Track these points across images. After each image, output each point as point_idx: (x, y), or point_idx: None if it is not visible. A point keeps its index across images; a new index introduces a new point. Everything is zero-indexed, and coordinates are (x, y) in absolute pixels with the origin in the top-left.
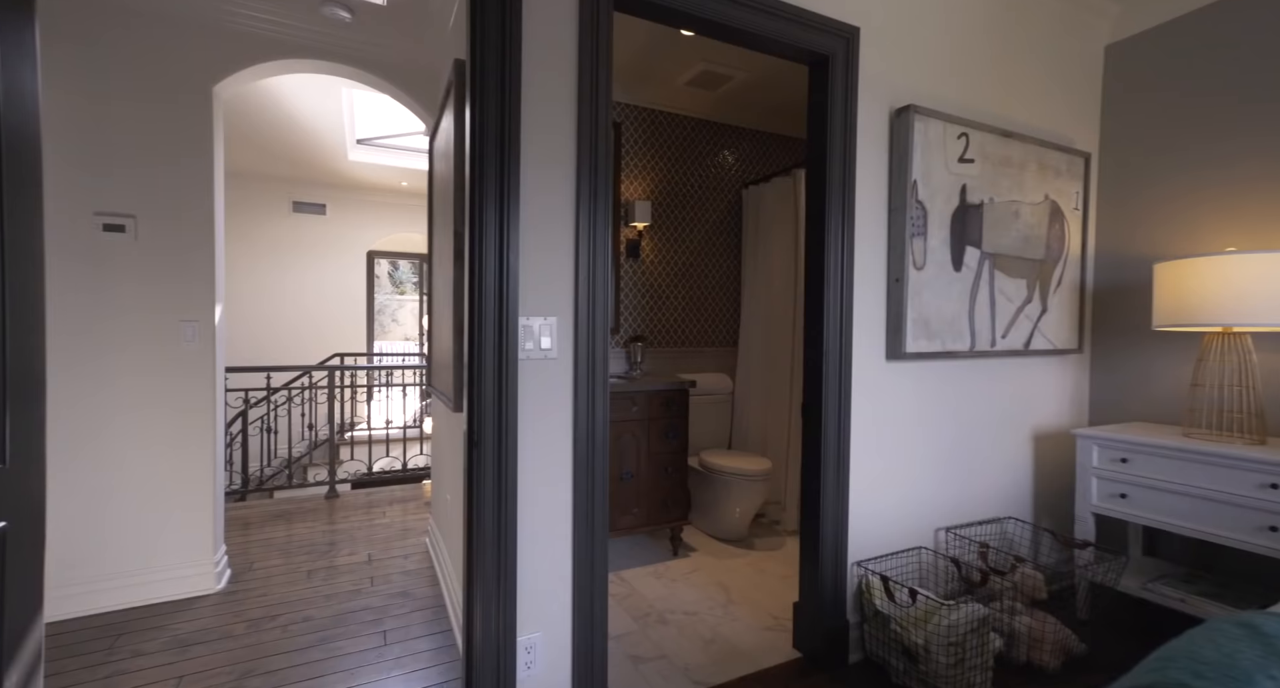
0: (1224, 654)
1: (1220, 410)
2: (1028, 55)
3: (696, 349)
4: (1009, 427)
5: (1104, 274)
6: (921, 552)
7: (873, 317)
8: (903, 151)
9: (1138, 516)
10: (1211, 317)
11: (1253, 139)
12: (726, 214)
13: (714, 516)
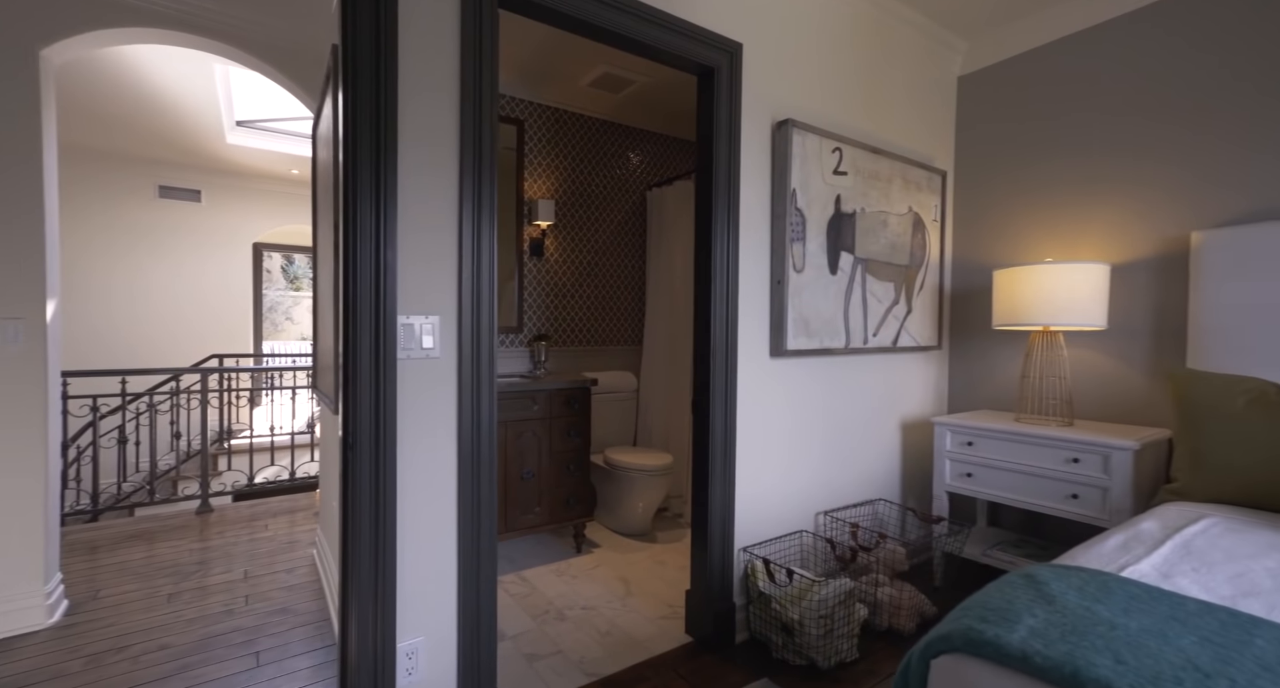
0: (1005, 601)
1: (1042, 398)
2: (894, 81)
3: (602, 348)
4: (880, 417)
5: (959, 279)
6: (803, 535)
7: (757, 316)
8: (783, 162)
9: (980, 491)
10: (1034, 318)
11: (1063, 163)
12: (631, 215)
13: (618, 511)
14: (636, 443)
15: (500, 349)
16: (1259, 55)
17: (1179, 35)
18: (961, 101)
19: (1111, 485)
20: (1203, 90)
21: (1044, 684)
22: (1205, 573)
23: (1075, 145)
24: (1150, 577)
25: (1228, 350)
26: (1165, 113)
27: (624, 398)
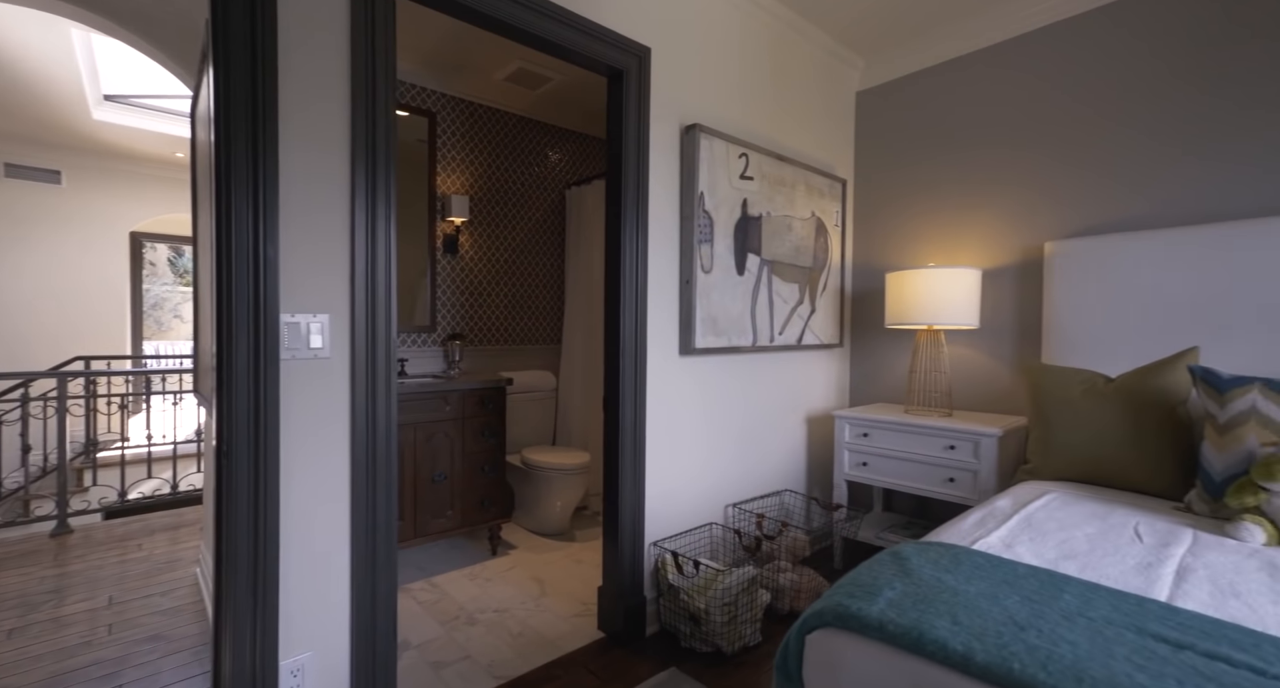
0: (871, 577)
1: (927, 391)
2: (798, 93)
3: (520, 347)
4: (786, 411)
5: (859, 281)
6: (712, 527)
7: (667, 315)
8: (691, 165)
9: (875, 479)
10: (920, 317)
11: (946, 177)
12: (550, 213)
13: (536, 512)
14: (556, 442)
15: (412, 349)
16: (1097, 93)
17: (1031, 72)
18: (860, 115)
19: (980, 469)
20: (1053, 121)
21: (897, 648)
22: (1039, 542)
23: (956, 161)
24: (996, 548)
25: (1072, 346)
26: (1026, 139)
27: (543, 397)
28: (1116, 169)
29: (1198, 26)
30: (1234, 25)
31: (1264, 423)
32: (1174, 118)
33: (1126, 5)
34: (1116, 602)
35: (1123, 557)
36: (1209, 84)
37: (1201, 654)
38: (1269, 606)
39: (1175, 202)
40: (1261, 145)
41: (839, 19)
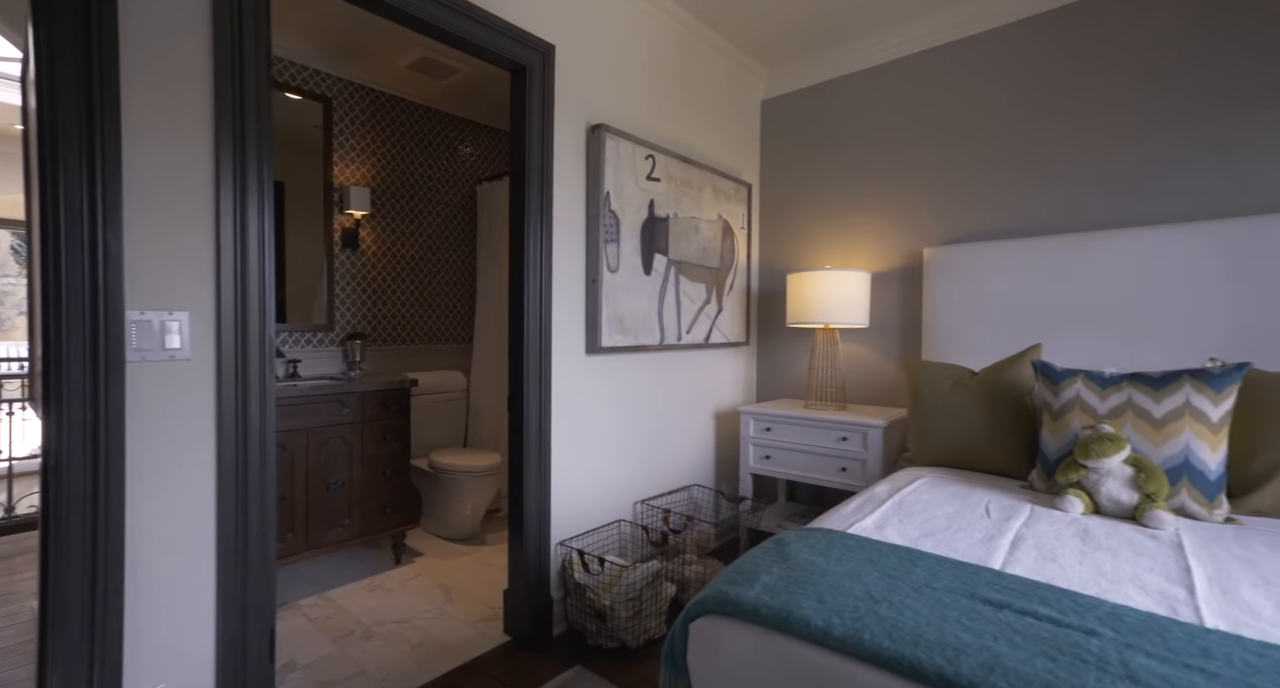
0: (752, 563)
1: (824, 386)
2: (705, 99)
3: (429, 346)
4: (695, 408)
5: (764, 281)
6: (621, 524)
7: (573, 314)
8: (597, 165)
9: (777, 471)
10: (817, 316)
11: (842, 183)
12: (461, 209)
13: (445, 516)
14: (468, 444)
15: (307, 350)
16: (958, 115)
17: (908, 93)
18: (765, 122)
19: (868, 458)
20: (927, 138)
21: (768, 629)
22: (905, 523)
23: (849, 170)
24: (868, 530)
25: (947, 343)
26: (907, 152)
27: (453, 398)
28: (979, 185)
29: (1037, 62)
30: (1069, 61)
31: (1085, 409)
32: (1019, 140)
33: (983, 39)
34: (958, 572)
35: (972, 532)
36: (1046, 114)
37: (1016, 612)
38: (1076, 565)
39: (1027, 216)
40: (1091, 169)
41: (742, 31)
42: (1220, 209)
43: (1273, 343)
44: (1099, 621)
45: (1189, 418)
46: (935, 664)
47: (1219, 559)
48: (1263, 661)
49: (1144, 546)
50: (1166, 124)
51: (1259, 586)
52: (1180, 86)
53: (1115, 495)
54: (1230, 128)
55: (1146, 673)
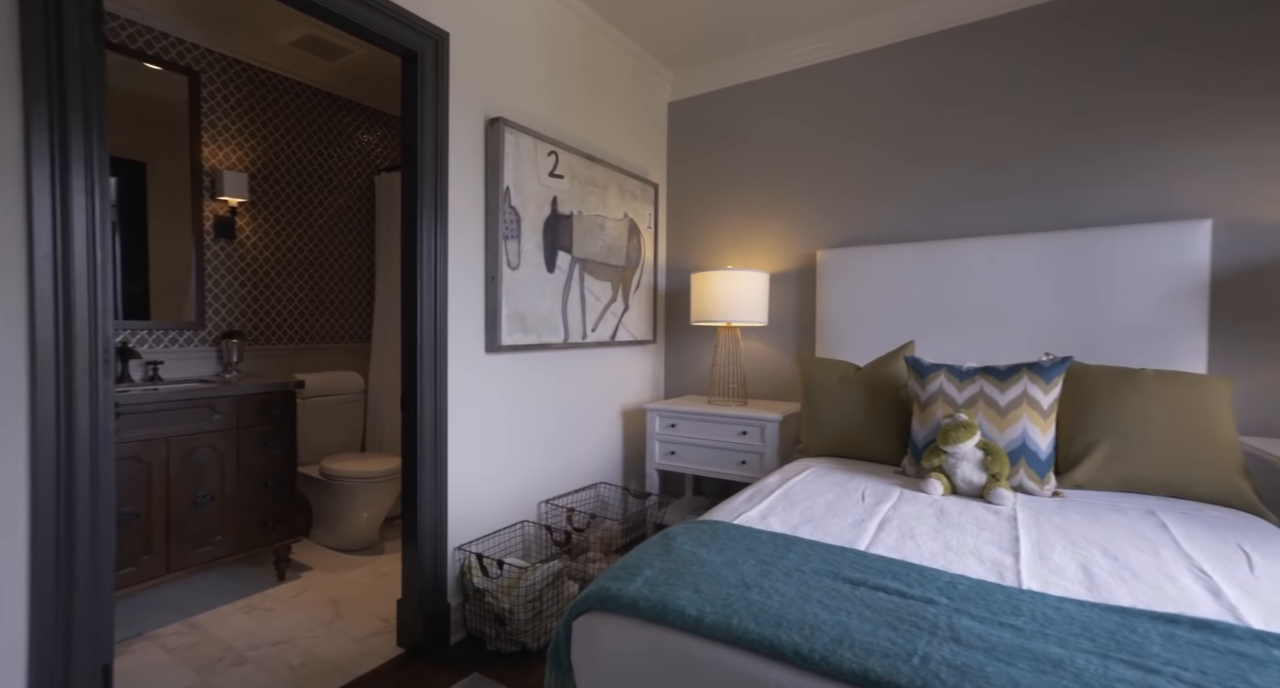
0: (637, 558)
1: (726, 382)
2: (611, 98)
3: (323, 346)
4: (601, 406)
5: (671, 280)
6: (525, 525)
7: (471, 312)
8: (495, 159)
9: (682, 466)
10: (719, 315)
11: (744, 186)
12: (358, 199)
13: (339, 526)
14: (366, 448)
15: (172, 350)
16: (850, 124)
17: (802, 104)
18: (671, 124)
19: (765, 450)
20: (821, 146)
21: (646, 621)
22: (789, 511)
23: (750, 173)
24: (754, 519)
25: (838, 340)
26: (802, 159)
27: (350, 400)
28: (867, 192)
29: (918, 82)
30: (941, 85)
31: (946, 400)
32: (901, 153)
33: (872, 56)
34: (826, 555)
35: (846, 517)
36: (925, 131)
37: (871, 588)
38: (929, 542)
39: (906, 223)
40: (959, 183)
41: (648, 33)
42: (1056, 223)
43: (1092, 339)
44: (938, 590)
45: (1026, 406)
46: (793, 642)
47: (1042, 529)
48: (1057, 613)
49: (987, 520)
50: (1018, 147)
51: (1068, 549)
52: (1031, 115)
53: (968, 477)
54: (1066, 153)
55: (967, 633)
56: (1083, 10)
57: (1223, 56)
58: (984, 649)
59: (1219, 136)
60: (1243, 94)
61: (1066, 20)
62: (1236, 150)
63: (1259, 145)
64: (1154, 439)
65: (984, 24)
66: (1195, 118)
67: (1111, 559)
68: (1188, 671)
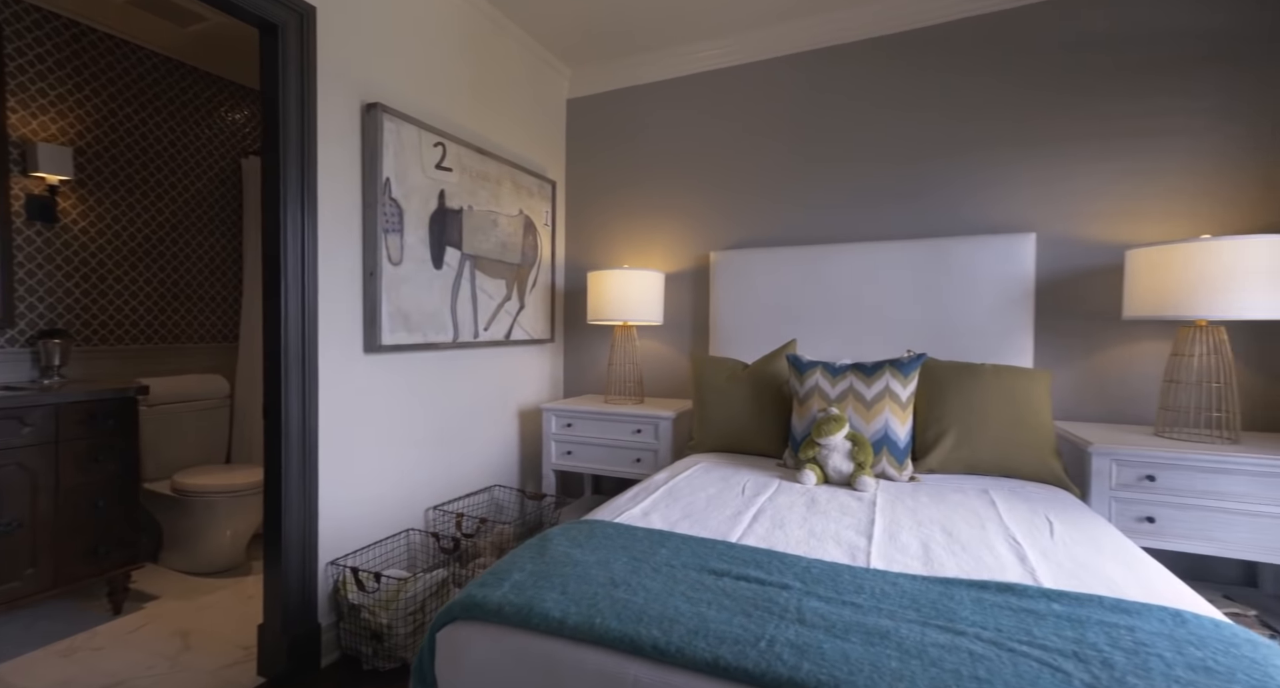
0: (509, 562)
1: (623, 381)
2: (506, 91)
3: (177, 346)
4: (497, 407)
5: (570, 279)
6: (410, 533)
7: (348, 309)
8: (373, 147)
9: (579, 466)
10: (615, 314)
11: (642, 187)
12: (222, 184)
13: (196, 547)
14: (232, 459)
15: None
16: (742, 128)
17: (698, 107)
18: (571, 121)
19: (659, 448)
20: (715, 150)
21: (512, 627)
22: (671, 507)
23: (648, 174)
24: (635, 517)
25: (730, 339)
26: (698, 161)
27: (212, 406)
28: (757, 196)
29: (802, 94)
30: (823, 95)
31: (821, 395)
32: (788, 160)
33: (764, 66)
34: (697, 548)
35: (724, 510)
36: (808, 139)
37: (734, 578)
38: (797, 530)
39: (791, 226)
40: (838, 190)
41: (544, 28)
42: (919, 232)
43: (946, 337)
44: (795, 575)
45: (888, 399)
46: (651, 637)
47: (896, 511)
48: (893, 588)
49: (850, 506)
50: (888, 160)
51: (914, 529)
52: (898, 131)
53: (838, 466)
54: (926, 167)
55: (812, 614)
56: (940, 40)
57: (1050, 90)
58: (824, 628)
59: (1042, 160)
60: (1061, 123)
61: (927, 49)
62: (1055, 172)
63: (1072, 168)
64: (991, 426)
65: (858, 45)
66: (1024, 143)
67: (947, 535)
68: (987, 630)
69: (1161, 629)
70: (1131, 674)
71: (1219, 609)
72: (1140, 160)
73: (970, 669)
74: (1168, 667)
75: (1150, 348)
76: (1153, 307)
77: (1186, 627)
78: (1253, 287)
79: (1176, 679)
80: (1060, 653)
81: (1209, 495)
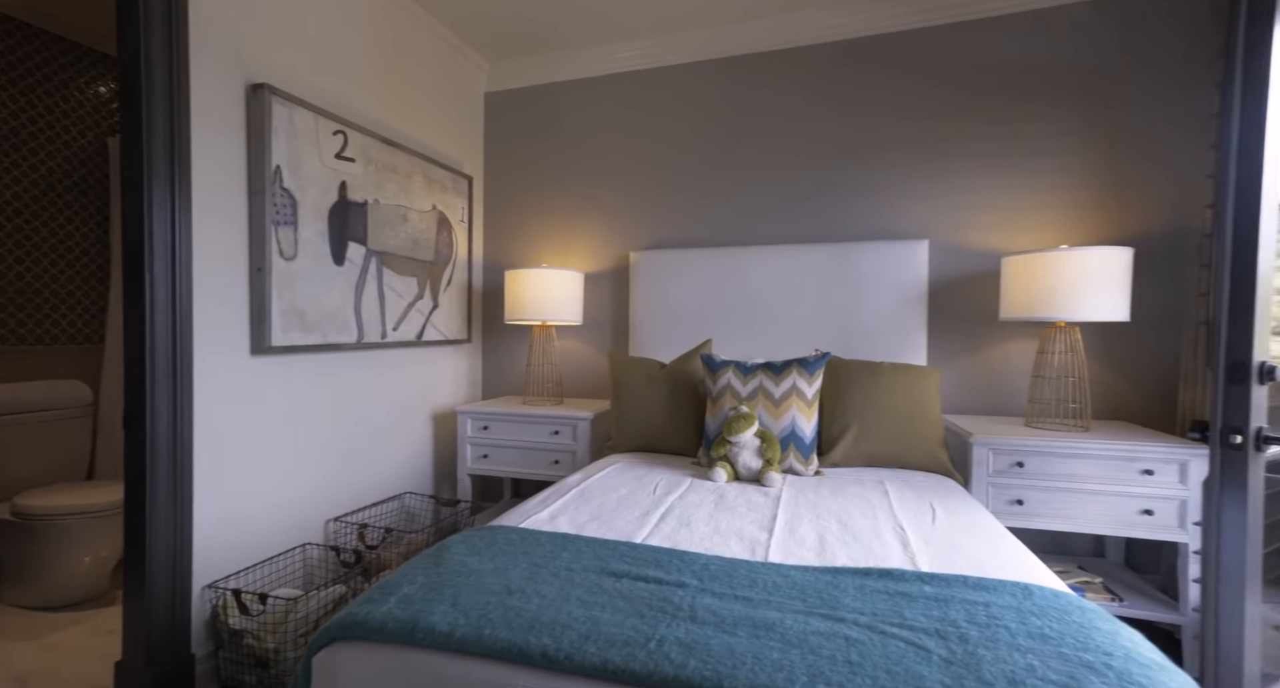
0: (400, 574)
1: (542, 382)
2: (419, 81)
3: (27, 348)
4: (408, 411)
5: (489, 277)
6: (306, 548)
7: (232, 308)
8: (261, 132)
9: (496, 469)
10: (534, 314)
11: (562, 185)
12: (84, 166)
13: (45, 578)
14: (95, 475)
15: None
16: (662, 132)
17: (619, 107)
18: (489, 116)
19: (577, 449)
20: (636, 150)
21: (396, 645)
22: (580, 509)
23: (570, 172)
24: (542, 521)
25: (649, 339)
26: (619, 161)
27: (68, 417)
28: (676, 197)
29: (720, 99)
30: (737, 99)
31: (733, 393)
32: (707, 162)
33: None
34: (600, 550)
35: (634, 510)
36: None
37: (633, 579)
38: (702, 527)
39: (709, 228)
40: (753, 194)
41: (455, 16)
42: (827, 236)
43: (850, 337)
44: (693, 573)
45: (795, 397)
46: (541, 645)
47: (798, 505)
48: (785, 580)
49: (756, 502)
50: (799, 166)
51: (813, 521)
52: (810, 138)
53: (748, 463)
54: (834, 174)
55: (704, 611)
56: (848, 55)
57: (945, 109)
58: (714, 624)
59: (936, 173)
60: (953, 141)
61: (837, 64)
62: (946, 185)
63: (961, 182)
64: (888, 421)
65: (775, 54)
66: (921, 156)
67: (843, 526)
68: (864, 615)
69: (1011, 602)
70: (981, 646)
71: (1073, 578)
72: (1015, 177)
73: (845, 654)
74: (1012, 636)
75: (1023, 346)
76: (1022, 309)
77: (1032, 599)
78: (1099, 291)
79: (1018, 648)
80: (925, 632)
81: (1066, 478)
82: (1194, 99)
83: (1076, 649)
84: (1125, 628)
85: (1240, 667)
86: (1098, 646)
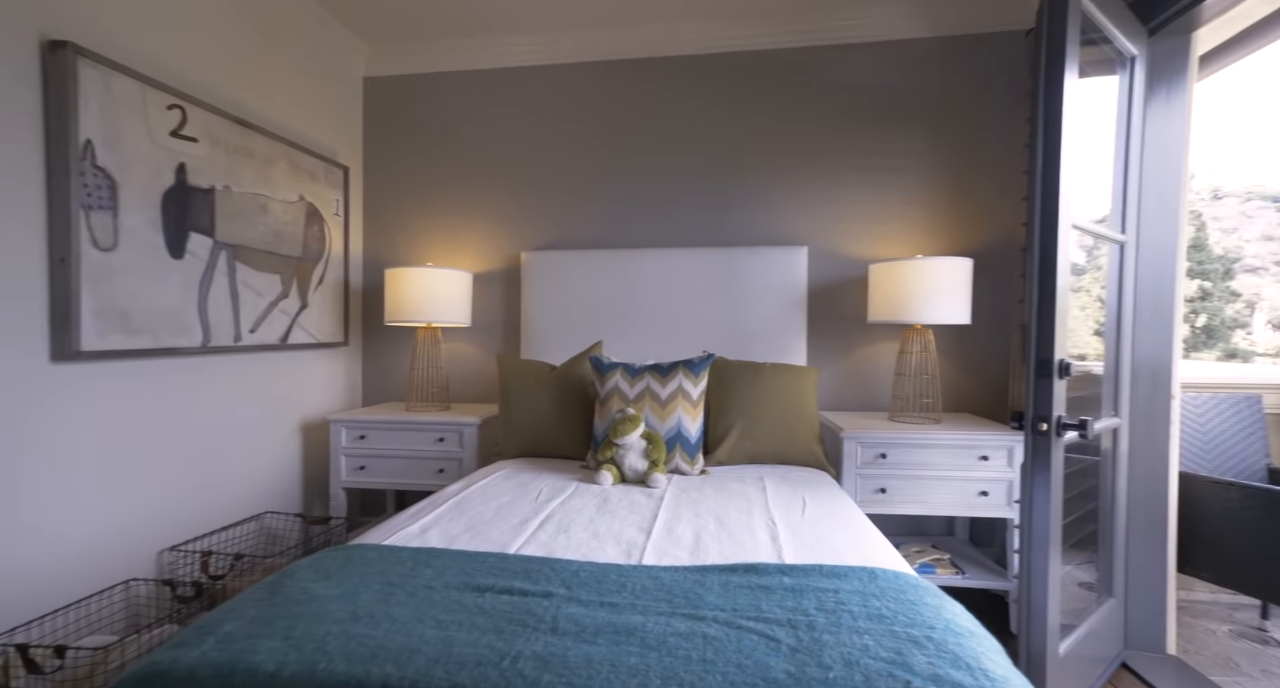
0: (227, 609)
1: (426, 386)
2: (285, 59)
3: None
4: (271, 421)
5: (369, 276)
6: (130, 585)
7: (22, 307)
8: (63, 99)
9: (371, 481)
10: (417, 315)
11: (450, 180)
12: None
13: None
14: None
15: None
16: (554, 132)
17: (512, 103)
18: (369, 103)
19: (464, 456)
20: (528, 150)
21: None
22: (455, 521)
23: (459, 167)
24: (411, 536)
25: (541, 341)
26: (511, 159)
27: None
28: (568, 198)
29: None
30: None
31: (621, 396)
32: (599, 163)
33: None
34: (468, 564)
35: (512, 518)
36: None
37: (497, 592)
38: (580, 533)
39: (601, 229)
40: (644, 197)
41: None
42: (715, 240)
43: (736, 338)
44: (562, 582)
45: (680, 398)
46: (383, 674)
47: (680, 505)
48: (654, 583)
49: (639, 503)
50: (689, 170)
51: (691, 520)
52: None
53: (634, 465)
54: (722, 180)
55: (567, 621)
56: (734, 67)
57: (821, 123)
58: (575, 634)
59: (813, 183)
60: (828, 154)
61: (724, 73)
62: (823, 194)
63: (835, 193)
64: (769, 419)
65: (665, 61)
66: (801, 167)
67: (719, 524)
68: (724, 611)
69: (858, 587)
70: (826, 632)
71: (927, 557)
72: (879, 191)
73: (700, 653)
74: (854, 619)
75: (888, 347)
76: (886, 312)
77: (876, 582)
78: (946, 297)
79: (858, 630)
80: (778, 623)
81: (921, 467)
82: (1022, 127)
83: (906, 626)
84: (949, 601)
85: (1045, 621)
86: (924, 620)
